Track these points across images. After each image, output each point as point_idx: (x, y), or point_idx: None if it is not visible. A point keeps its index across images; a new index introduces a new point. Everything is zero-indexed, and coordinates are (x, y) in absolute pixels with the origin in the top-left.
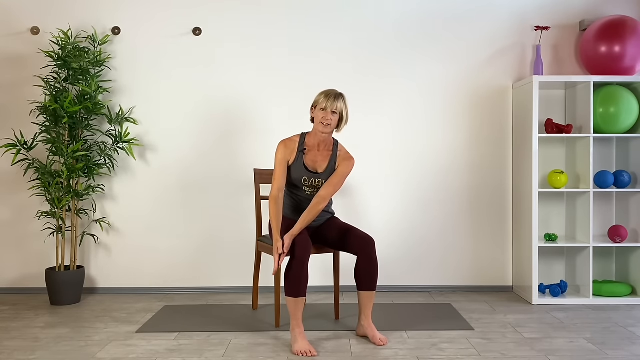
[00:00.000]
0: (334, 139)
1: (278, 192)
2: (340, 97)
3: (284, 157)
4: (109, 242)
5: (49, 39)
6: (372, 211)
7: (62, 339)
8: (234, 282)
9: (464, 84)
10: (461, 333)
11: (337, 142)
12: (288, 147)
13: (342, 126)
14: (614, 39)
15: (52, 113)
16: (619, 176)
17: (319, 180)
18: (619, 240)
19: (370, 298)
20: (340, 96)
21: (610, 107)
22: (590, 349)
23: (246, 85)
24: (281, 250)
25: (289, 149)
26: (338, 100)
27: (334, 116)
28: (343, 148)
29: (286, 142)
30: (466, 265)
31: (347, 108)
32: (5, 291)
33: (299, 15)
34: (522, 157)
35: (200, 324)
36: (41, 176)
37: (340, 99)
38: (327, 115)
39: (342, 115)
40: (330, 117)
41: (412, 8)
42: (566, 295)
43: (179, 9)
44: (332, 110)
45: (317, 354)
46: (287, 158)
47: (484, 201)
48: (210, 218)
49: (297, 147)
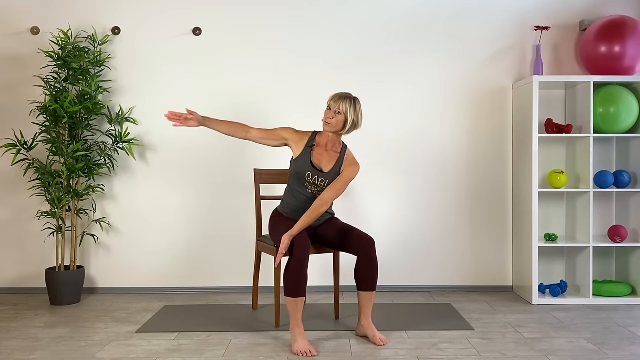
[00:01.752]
0: (343, 143)
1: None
2: (347, 99)
3: (288, 133)
4: (109, 242)
5: (49, 39)
6: (372, 211)
7: (62, 339)
8: (234, 282)
9: (464, 84)
10: (461, 333)
11: (346, 147)
12: (297, 134)
13: (348, 128)
14: (614, 39)
15: (52, 113)
16: (619, 176)
17: (322, 179)
18: (619, 240)
19: (370, 298)
20: (348, 98)
21: (610, 107)
22: (590, 349)
23: (246, 85)
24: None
25: (297, 135)
26: (344, 101)
27: (337, 116)
28: (350, 153)
29: (298, 131)
30: (466, 265)
31: (356, 112)
32: (5, 291)
33: (299, 15)
34: (522, 157)
35: (200, 324)
36: (41, 176)
37: (347, 100)
38: (329, 113)
39: (347, 117)
40: (331, 115)
41: (411, 8)
42: (566, 295)
43: (178, 9)
44: (335, 110)
45: (317, 354)
46: (290, 138)
47: (484, 201)
48: (210, 218)
49: (306, 142)
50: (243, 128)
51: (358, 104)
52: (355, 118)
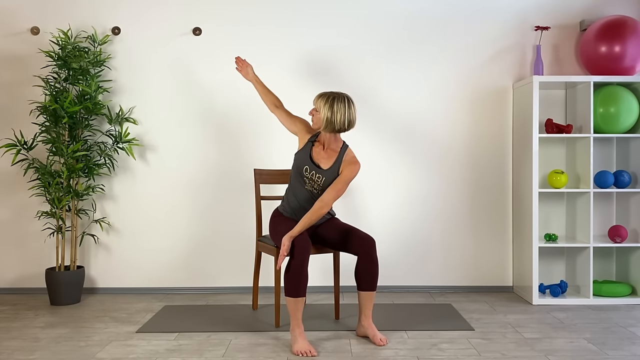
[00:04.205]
0: (343, 142)
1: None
2: (323, 97)
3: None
4: (109, 242)
5: (49, 39)
6: (373, 211)
7: (62, 339)
8: (234, 282)
9: (464, 84)
10: (461, 333)
11: (347, 146)
12: (307, 129)
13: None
14: (614, 39)
15: (52, 113)
16: (619, 176)
17: (319, 175)
18: (619, 240)
19: (371, 298)
20: (324, 96)
21: (610, 107)
22: (591, 349)
23: (246, 85)
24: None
25: (307, 130)
26: (320, 98)
27: (316, 113)
28: (351, 152)
29: (310, 127)
30: (466, 265)
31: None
32: (5, 291)
33: (301, 14)
34: (522, 157)
35: (200, 324)
36: (41, 176)
37: (323, 98)
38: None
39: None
40: (312, 113)
41: (411, 9)
42: (566, 296)
43: (178, 9)
44: (314, 108)
45: (317, 354)
46: (300, 130)
47: (484, 201)
48: (210, 218)
49: (309, 137)
50: (275, 102)
51: (339, 102)
52: (329, 116)
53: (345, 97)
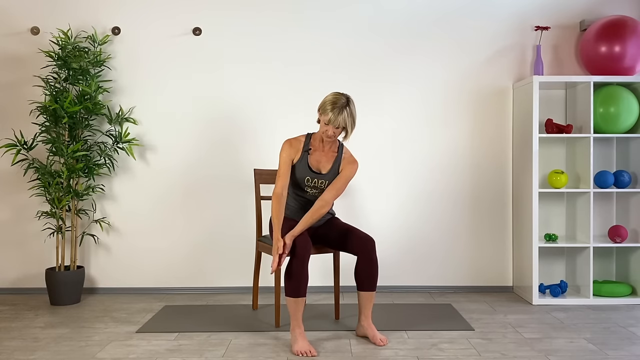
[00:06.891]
0: (339, 141)
1: (282, 190)
2: (345, 108)
3: (289, 155)
4: (109, 242)
5: (49, 39)
6: (373, 212)
7: (62, 339)
8: (234, 282)
9: (464, 84)
10: (461, 333)
11: (343, 145)
12: (293, 146)
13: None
14: (614, 39)
15: (52, 113)
16: (619, 176)
17: (321, 181)
18: (619, 240)
19: (370, 298)
20: (346, 107)
21: (610, 107)
22: (590, 349)
23: (246, 85)
24: (282, 250)
25: (294, 148)
26: (342, 113)
27: (336, 130)
28: (348, 151)
29: (291, 141)
30: (466, 266)
31: (352, 117)
32: (5, 291)
33: (299, 15)
34: (522, 157)
35: (200, 324)
36: (41, 176)
37: (345, 110)
38: (329, 130)
39: (347, 129)
40: (332, 131)
41: (411, 8)
42: (566, 296)
43: (179, 9)
44: (335, 126)
45: (317, 354)
46: (292, 157)
47: (484, 201)
48: (210, 218)
49: (302, 146)
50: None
51: (353, 107)
52: (353, 123)
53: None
